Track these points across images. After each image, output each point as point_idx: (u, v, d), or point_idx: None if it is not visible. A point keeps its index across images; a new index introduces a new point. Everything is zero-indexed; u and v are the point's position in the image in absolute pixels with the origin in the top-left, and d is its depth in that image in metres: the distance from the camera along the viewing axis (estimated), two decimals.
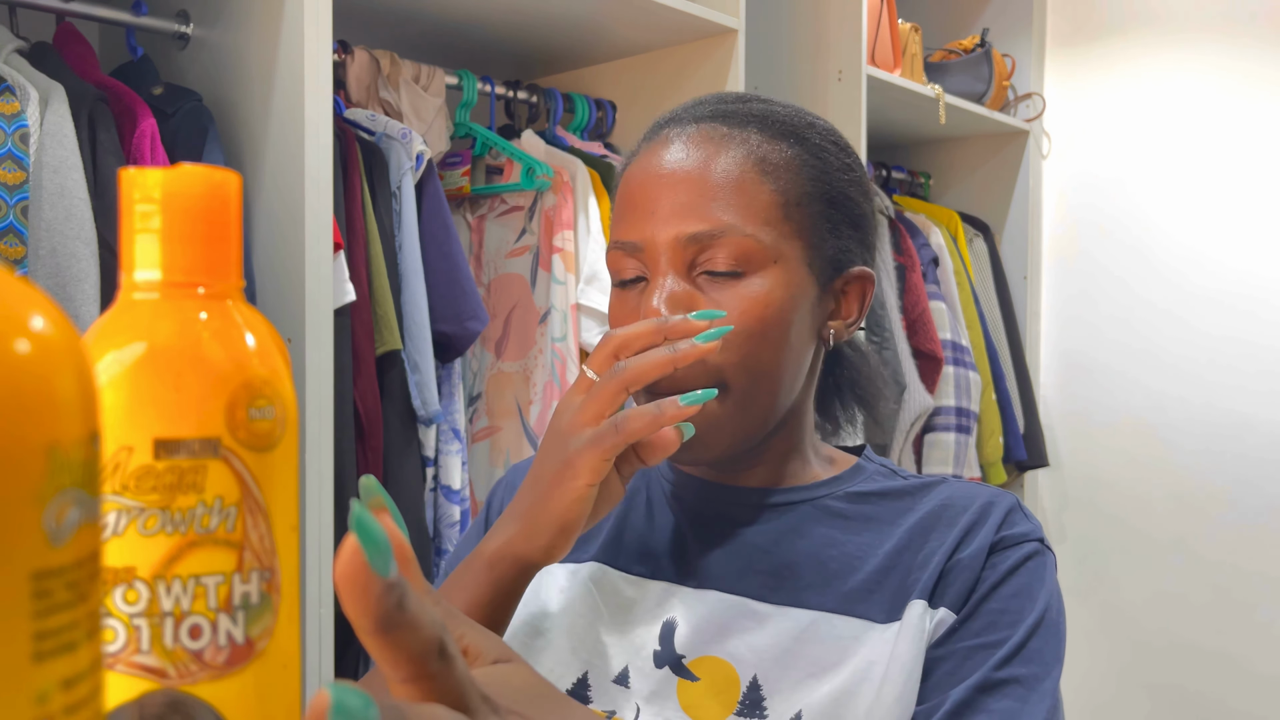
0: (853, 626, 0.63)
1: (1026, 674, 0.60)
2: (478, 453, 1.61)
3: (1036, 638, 0.61)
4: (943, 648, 0.62)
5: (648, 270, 0.65)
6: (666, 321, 0.59)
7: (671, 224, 0.64)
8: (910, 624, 0.62)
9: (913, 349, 2.18)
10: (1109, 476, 2.51)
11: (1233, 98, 2.32)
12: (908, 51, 2.20)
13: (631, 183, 0.67)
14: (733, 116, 0.67)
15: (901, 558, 0.65)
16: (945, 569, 0.64)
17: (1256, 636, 2.29)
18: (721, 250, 0.63)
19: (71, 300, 1.02)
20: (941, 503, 0.67)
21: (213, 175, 0.27)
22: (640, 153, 0.69)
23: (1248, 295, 2.30)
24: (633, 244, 0.65)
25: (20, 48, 1.13)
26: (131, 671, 0.26)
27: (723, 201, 0.63)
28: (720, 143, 0.65)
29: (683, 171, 0.65)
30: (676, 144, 0.66)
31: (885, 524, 0.67)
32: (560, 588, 0.71)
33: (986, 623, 0.62)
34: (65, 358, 0.19)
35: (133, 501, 0.26)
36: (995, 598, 0.63)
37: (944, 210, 2.50)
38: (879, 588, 0.64)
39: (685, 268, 0.64)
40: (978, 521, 0.65)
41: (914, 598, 0.63)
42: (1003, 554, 0.64)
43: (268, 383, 0.27)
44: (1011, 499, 0.68)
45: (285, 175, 1.17)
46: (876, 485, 0.70)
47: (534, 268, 1.56)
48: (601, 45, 1.74)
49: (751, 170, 0.65)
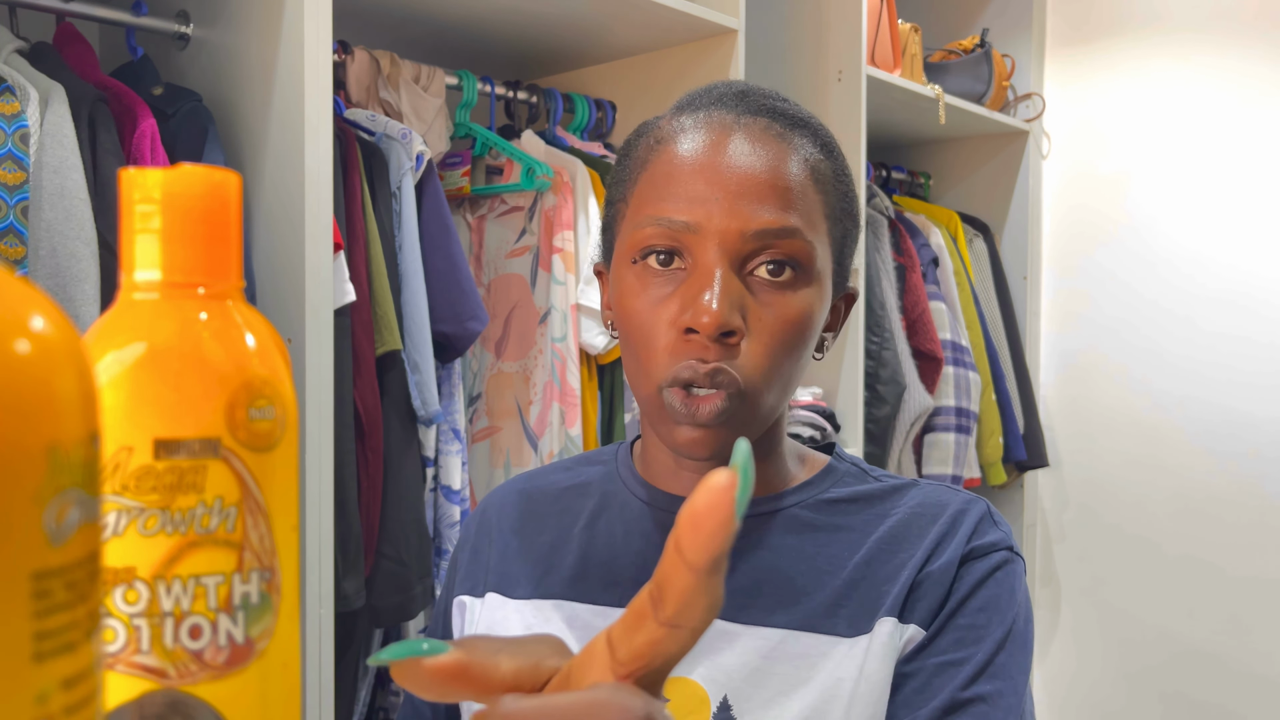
0: (820, 643, 0.63)
1: (992, 690, 0.60)
2: (478, 453, 1.61)
3: (1004, 652, 0.61)
4: (911, 664, 0.62)
5: (690, 255, 0.61)
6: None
7: (739, 214, 0.60)
8: (880, 641, 0.61)
9: (913, 349, 2.18)
10: (1109, 476, 2.51)
11: (1233, 97, 2.32)
12: (908, 52, 2.20)
13: (679, 160, 0.62)
14: (782, 116, 0.65)
15: (869, 569, 0.64)
16: (915, 582, 0.63)
17: (1256, 637, 2.29)
18: (783, 252, 0.61)
19: (71, 300, 1.02)
20: (911, 510, 0.67)
21: (213, 175, 0.27)
22: (682, 130, 0.64)
23: (1248, 295, 2.30)
24: (683, 224, 0.60)
25: (20, 48, 1.13)
26: (131, 671, 0.26)
27: (791, 203, 0.61)
28: (781, 143, 0.63)
29: (745, 163, 0.61)
30: (731, 132, 0.63)
31: (854, 533, 0.66)
32: (527, 625, 0.69)
33: (955, 639, 0.61)
34: (65, 358, 0.19)
35: (133, 502, 0.26)
36: (964, 612, 0.62)
37: (944, 210, 2.50)
38: (847, 601, 0.64)
39: (738, 263, 0.61)
40: (948, 532, 0.65)
41: (883, 614, 0.62)
42: (972, 565, 0.63)
43: (268, 383, 0.27)
44: (982, 506, 0.67)
45: (285, 175, 1.17)
46: (847, 490, 0.69)
47: (534, 268, 1.56)
48: (601, 45, 1.74)
49: (808, 178, 0.63)
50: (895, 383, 2.10)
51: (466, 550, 0.77)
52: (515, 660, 0.31)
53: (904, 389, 2.11)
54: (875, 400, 2.09)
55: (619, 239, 0.66)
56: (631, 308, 0.63)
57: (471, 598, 0.74)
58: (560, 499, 0.75)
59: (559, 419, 1.51)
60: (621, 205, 0.67)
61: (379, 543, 1.32)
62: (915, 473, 2.23)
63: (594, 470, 0.76)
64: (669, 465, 0.70)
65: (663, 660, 0.29)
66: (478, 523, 0.78)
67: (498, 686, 0.31)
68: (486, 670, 0.31)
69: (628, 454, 0.75)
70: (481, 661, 0.31)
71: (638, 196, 0.64)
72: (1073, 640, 2.58)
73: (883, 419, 2.11)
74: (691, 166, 0.62)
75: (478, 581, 0.74)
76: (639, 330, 0.63)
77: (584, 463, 0.78)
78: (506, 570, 0.73)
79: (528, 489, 0.77)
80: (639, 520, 0.70)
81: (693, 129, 0.64)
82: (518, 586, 0.72)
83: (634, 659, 0.29)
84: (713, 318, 0.58)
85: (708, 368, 0.59)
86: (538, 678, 0.31)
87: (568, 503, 0.74)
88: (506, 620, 0.70)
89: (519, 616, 0.70)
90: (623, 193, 0.67)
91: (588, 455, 0.79)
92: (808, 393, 1.98)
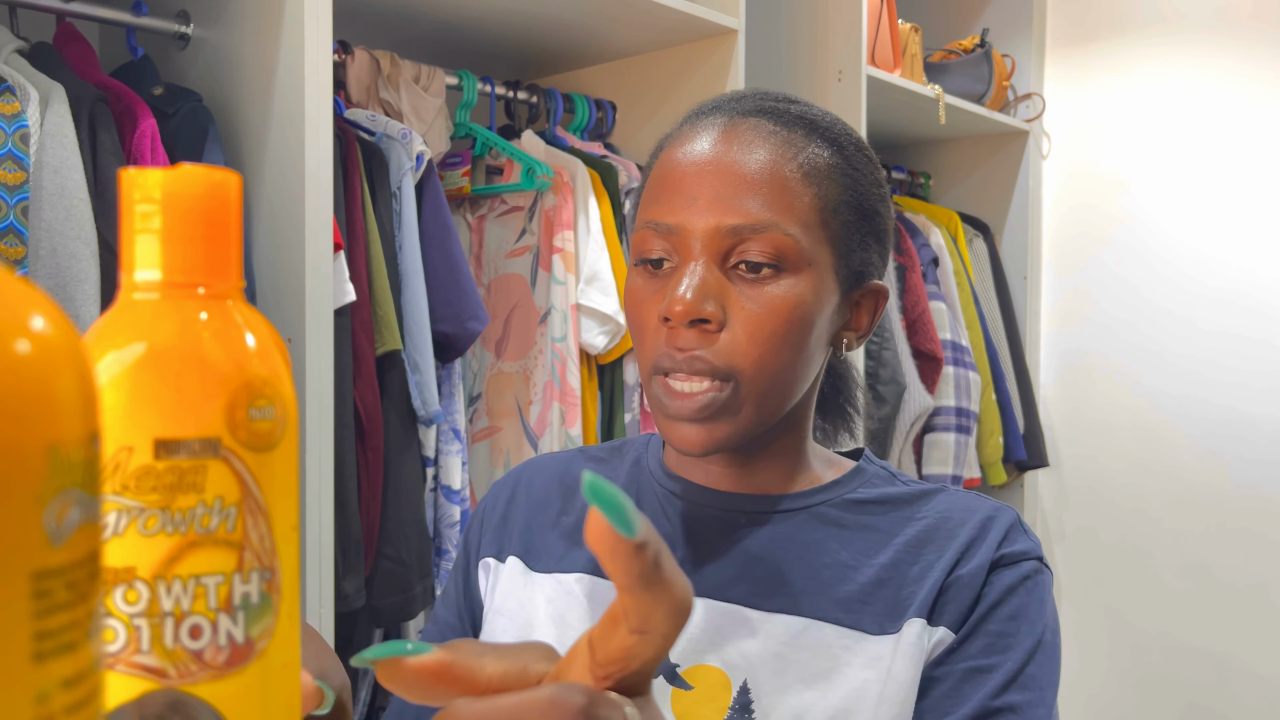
0: (844, 636, 0.63)
1: (1022, 701, 0.60)
2: (478, 453, 1.61)
3: (1034, 663, 0.61)
4: (940, 668, 0.62)
5: (678, 255, 0.65)
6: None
7: (712, 213, 0.63)
8: (908, 643, 0.62)
9: (913, 349, 2.18)
10: (1109, 476, 2.51)
11: (1232, 97, 2.32)
12: (908, 52, 2.20)
13: (671, 165, 0.66)
14: (779, 115, 0.66)
15: (897, 570, 0.65)
16: (944, 585, 0.63)
17: (1256, 637, 2.29)
18: (760, 245, 0.62)
19: (71, 300, 1.02)
20: (940, 515, 0.67)
21: (213, 175, 0.27)
22: (680, 136, 0.67)
23: (1248, 294, 2.30)
24: (667, 226, 0.64)
25: (20, 48, 1.13)
26: (131, 671, 0.26)
27: (766, 198, 0.63)
28: (767, 140, 0.65)
29: (728, 162, 0.64)
30: (722, 134, 0.65)
31: (882, 534, 0.67)
32: (549, 598, 0.70)
33: (984, 645, 0.62)
34: (65, 358, 0.19)
35: (133, 501, 0.26)
36: (994, 619, 0.62)
37: (944, 210, 2.50)
38: (872, 599, 0.64)
39: (719, 258, 0.63)
40: (977, 537, 0.65)
41: (911, 615, 0.62)
42: (1002, 572, 0.64)
43: (268, 383, 0.27)
44: (1012, 514, 0.67)
45: (285, 175, 1.17)
46: (875, 492, 0.70)
47: (534, 268, 1.56)
48: (602, 46, 1.74)
49: (796, 172, 0.64)
50: (895, 383, 2.10)
51: (497, 514, 0.78)
52: (502, 663, 0.31)
53: (904, 389, 2.11)
54: (875, 400, 2.09)
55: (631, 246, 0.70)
56: (630, 306, 0.67)
57: (496, 560, 0.75)
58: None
59: (559, 419, 1.51)
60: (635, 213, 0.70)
61: (379, 543, 1.32)
62: (915, 473, 2.23)
63: (624, 458, 0.78)
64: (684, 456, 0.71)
65: (640, 663, 0.30)
66: (510, 489, 0.79)
67: (482, 688, 0.31)
68: (471, 671, 0.31)
69: (659, 445, 0.77)
70: (466, 662, 0.31)
71: (642, 204, 0.68)
72: (1073, 640, 2.58)
73: (883, 419, 2.11)
74: (679, 171, 0.65)
75: (503, 546, 0.75)
76: (636, 328, 0.67)
77: (616, 451, 0.79)
78: (532, 541, 0.74)
79: (558, 469, 0.78)
80: (665, 508, 0.72)
81: (688, 135, 0.67)
82: (541, 559, 0.73)
83: (610, 663, 0.30)
84: (684, 305, 0.61)
85: (684, 355, 0.62)
86: (525, 682, 0.31)
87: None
88: (529, 589, 0.71)
89: (540, 589, 0.71)
90: (637, 200, 0.71)
91: (619, 444, 0.81)
92: None
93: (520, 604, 0.71)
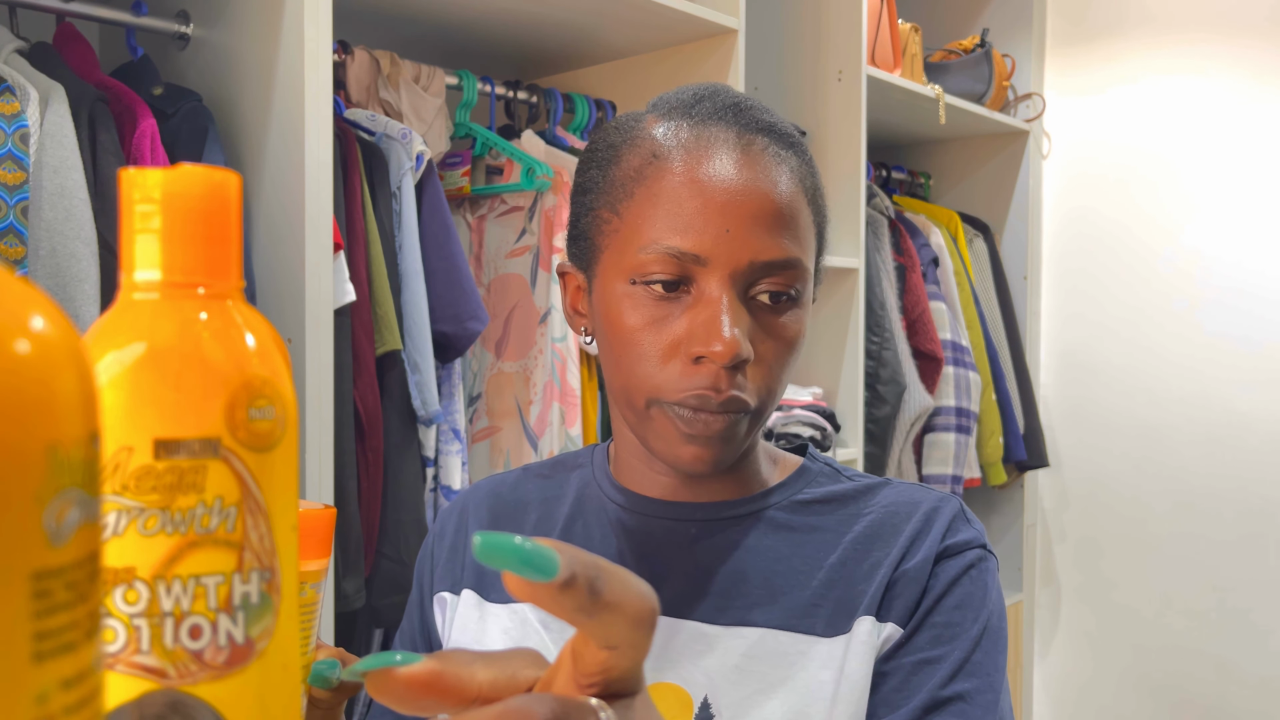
0: (798, 642, 0.63)
1: (971, 688, 0.61)
2: (478, 453, 1.61)
3: (980, 649, 0.62)
4: (890, 662, 0.62)
5: (696, 283, 0.62)
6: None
7: (748, 249, 0.61)
8: (860, 641, 0.62)
9: (913, 349, 2.18)
10: (1109, 476, 2.51)
11: (1232, 97, 2.32)
12: (908, 51, 2.20)
13: (690, 185, 0.61)
14: (778, 135, 0.65)
15: (846, 570, 0.65)
16: (891, 581, 0.64)
17: (1255, 637, 2.29)
18: (786, 279, 0.62)
19: (71, 300, 1.02)
20: (885, 510, 0.68)
21: (213, 175, 0.27)
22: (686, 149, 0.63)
23: (1248, 294, 2.30)
24: (694, 256, 0.61)
25: (20, 48, 1.13)
26: (131, 671, 0.26)
27: (792, 232, 0.62)
28: (780, 166, 0.63)
29: (758, 192, 0.61)
30: (742, 156, 0.62)
31: (830, 533, 0.67)
32: (504, 629, 0.69)
33: (932, 636, 0.62)
34: (65, 358, 0.19)
35: (133, 501, 0.26)
36: (940, 610, 0.63)
37: (944, 210, 2.50)
38: (824, 601, 0.64)
39: (745, 289, 0.62)
40: (921, 531, 0.65)
41: (861, 613, 0.63)
42: (946, 563, 0.64)
43: (268, 383, 0.27)
44: (955, 504, 0.67)
45: (285, 175, 1.17)
46: (821, 490, 0.70)
47: (534, 268, 1.56)
48: (602, 45, 1.74)
49: (802, 199, 0.64)
50: (895, 383, 2.10)
51: (445, 545, 0.77)
52: (491, 671, 0.31)
53: (904, 389, 2.11)
54: (875, 400, 2.09)
55: (609, 251, 0.65)
56: (627, 325, 0.63)
57: (451, 594, 0.74)
58: (537, 503, 0.75)
59: (559, 419, 1.51)
60: (610, 216, 0.65)
61: (379, 543, 1.32)
62: (916, 473, 2.23)
63: (570, 474, 0.76)
64: (641, 469, 0.70)
65: (619, 674, 0.30)
66: (456, 519, 0.78)
67: (472, 698, 0.31)
68: (461, 681, 0.31)
69: (604, 457, 0.75)
70: (456, 672, 0.31)
71: (635, 214, 0.63)
72: (1073, 640, 2.58)
73: (883, 419, 2.11)
74: (698, 193, 0.61)
75: (456, 579, 0.74)
76: (635, 347, 0.63)
77: (560, 467, 0.78)
78: (483, 570, 0.73)
79: (503, 492, 0.77)
80: (615, 523, 0.71)
81: (695, 147, 0.63)
82: (495, 589, 0.72)
83: (590, 675, 0.30)
84: (727, 347, 0.59)
85: (722, 397, 0.60)
86: (515, 689, 0.31)
87: (546, 508, 0.75)
88: (483, 622, 0.71)
89: (495, 620, 0.70)
90: (611, 202, 0.65)
91: (563, 459, 0.79)
92: (808, 392, 1.98)
93: (475, 638, 0.70)
